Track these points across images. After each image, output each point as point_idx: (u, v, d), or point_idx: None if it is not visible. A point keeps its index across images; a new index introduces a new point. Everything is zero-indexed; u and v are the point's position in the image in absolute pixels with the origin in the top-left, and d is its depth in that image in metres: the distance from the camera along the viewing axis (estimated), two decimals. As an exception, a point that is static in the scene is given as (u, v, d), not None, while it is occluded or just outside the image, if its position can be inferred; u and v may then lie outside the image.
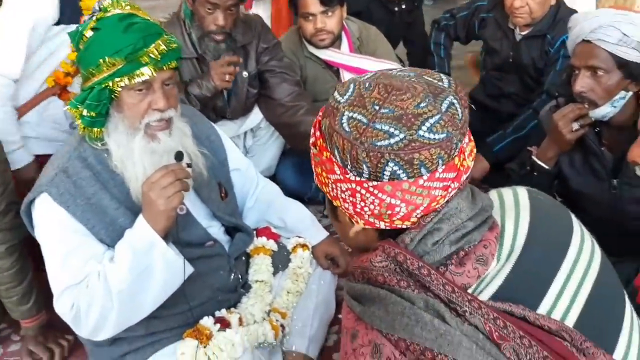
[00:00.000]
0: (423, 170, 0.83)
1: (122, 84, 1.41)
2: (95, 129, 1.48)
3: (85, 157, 1.52)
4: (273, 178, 2.52)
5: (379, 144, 0.82)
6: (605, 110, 1.75)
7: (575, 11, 2.76)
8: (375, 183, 0.84)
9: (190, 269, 1.53)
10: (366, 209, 0.87)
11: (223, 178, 1.82)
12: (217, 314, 1.69)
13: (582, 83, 1.74)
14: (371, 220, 0.88)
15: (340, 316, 2.02)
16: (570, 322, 0.86)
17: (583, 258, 0.92)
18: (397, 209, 0.85)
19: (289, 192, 2.12)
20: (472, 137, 0.90)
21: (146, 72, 1.41)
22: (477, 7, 2.96)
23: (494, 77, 2.97)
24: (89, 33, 1.44)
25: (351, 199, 0.87)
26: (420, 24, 3.61)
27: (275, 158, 2.75)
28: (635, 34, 1.65)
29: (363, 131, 0.83)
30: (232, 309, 1.73)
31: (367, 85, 0.87)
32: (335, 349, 1.94)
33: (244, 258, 1.87)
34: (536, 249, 0.90)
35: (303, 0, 2.50)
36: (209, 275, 1.69)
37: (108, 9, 1.44)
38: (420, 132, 0.82)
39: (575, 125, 1.77)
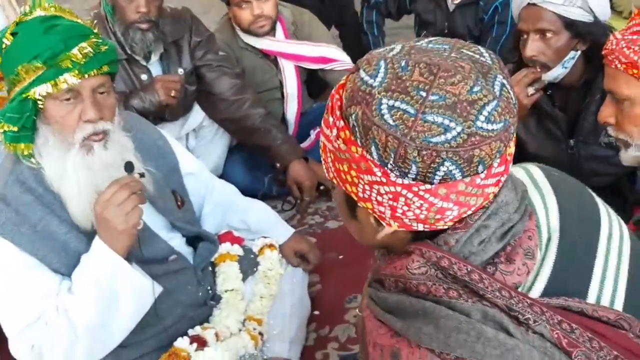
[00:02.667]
0: (480, 168, 0.72)
1: (44, 92, 1.26)
2: (21, 145, 1.33)
3: (23, 180, 1.37)
4: (221, 178, 2.40)
5: (433, 140, 0.69)
6: (557, 72, 1.75)
7: (503, -24, 2.79)
8: (428, 187, 0.72)
9: (159, 288, 1.42)
10: (409, 213, 0.75)
11: (177, 185, 1.69)
12: (191, 332, 1.58)
13: (532, 47, 1.73)
14: (410, 223, 0.77)
15: (316, 312, 1.98)
16: (618, 305, 0.82)
17: (615, 233, 0.86)
18: (448, 212, 0.74)
19: (241, 191, 2.01)
20: None
21: (70, 79, 1.26)
22: (406, -19, 2.93)
23: (430, 50, 2.95)
24: (8, 39, 1.30)
25: (391, 202, 0.74)
26: (351, 5, 3.52)
27: (222, 157, 2.61)
28: (579, -8, 1.66)
29: (412, 124, 0.69)
30: (206, 324, 1.63)
31: (402, 64, 0.72)
32: (316, 348, 1.87)
33: (210, 268, 1.76)
34: (572, 232, 0.84)
35: None
36: (177, 291, 1.57)
37: (30, 12, 1.30)
38: (478, 123, 0.70)
39: (531, 90, 1.76)
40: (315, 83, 2.85)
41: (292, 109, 2.70)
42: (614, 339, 0.76)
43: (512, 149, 0.77)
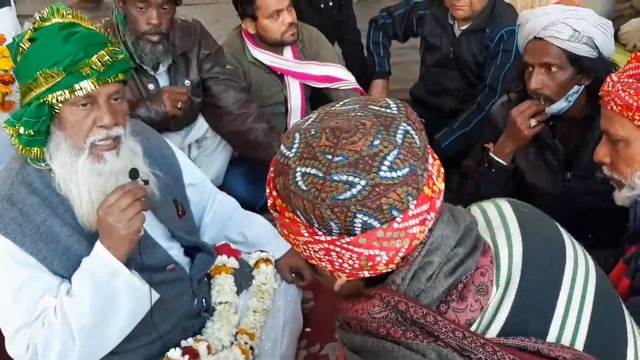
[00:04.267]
0: (395, 213, 0.76)
1: (62, 98, 1.29)
2: (35, 149, 1.35)
3: (30, 182, 1.39)
4: (221, 189, 2.41)
5: (341, 197, 0.75)
6: (560, 106, 1.78)
7: (511, 6, 2.83)
8: (348, 239, 0.77)
9: (155, 295, 1.43)
10: (345, 265, 0.80)
11: (179, 195, 1.71)
12: (183, 343, 1.59)
13: (537, 80, 1.75)
14: (354, 272, 0.82)
15: (307, 330, 1.98)
16: (579, 344, 0.83)
17: (580, 272, 0.88)
18: (378, 258, 0.79)
19: (240, 203, 2.02)
20: (435, 155, 0.84)
21: (87, 86, 1.30)
22: (414, 4, 2.96)
23: (435, 74, 2.98)
24: (26, 44, 1.32)
25: (327, 257, 0.80)
26: (352, 22, 3.57)
27: (222, 168, 2.63)
28: (585, 29, 1.69)
29: (321, 187, 0.75)
30: (199, 336, 1.64)
31: (312, 133, 0.79)
32: (306, 365, 1.87)
33: (206, 279, 1.77)
34: (535, 270, 0.85)
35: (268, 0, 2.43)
36: (172, 301, 1.58)
37: (47, 18, 1.32)
38: (382, 174, 0.75)
39: (533, 122, 1.79)
40: (318, 97, 2.88)
41: (295, 124, 2.72)
42: None
43: (439, 185, 0.81)
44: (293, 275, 1.90)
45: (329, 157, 0.76)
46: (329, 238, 0.77)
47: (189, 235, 1.70)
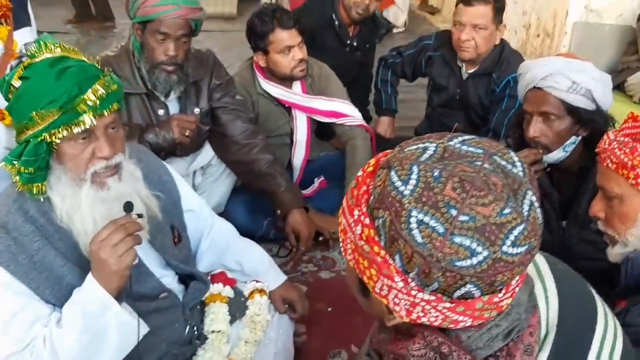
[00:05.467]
0: (500, 287, 0.74)
1: (60, 135, 1.28)
2: (36, 185, 1.35)
3: (26, 210, 1.38)
4: (222, 215, 2.44)
5: (459, 264, 0.70)
6: (557, 155, 1.81)
7: (518, 52, 2.88)
8: (447, 305, 0.73)
9: (145, 329, 1.43)
10: (424, 318, 0.76)
11: (176, 220, 1.72)
12: (172, 370, 1.59)
13: (535, 128, 1.79)
14: (424, 321, 0.77)
15: (298, 364, 1.98)
16: None
17: (609, 335, 0.88)
18: (462, 323, 0.76)
19: (239, 231, 2.04)
20: None
21: (86, 121, 1.28)
22: (423, 45, 3.02)
23: (440, 114, 3.04)
24: (17, 82, 1.29)
25: (407, 306, 0.75)
26: (370, 68, 3.59)
27: (225, 195, 2.67)
28: (584, 81, 1.72)
29: (440, 245, 0.70)
30: (188, 364, 1.65)
31: (435, 174, 0.72)
32: (294, 399, 1.87)
33: (198, 307, 1.78)
34: (568, 327, 0.86)
35: (280, 35, 2.49)
36: (164, 329, 1.59)
37: (36, 54, 1.29)
38: (504, 248, 0.71)
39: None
40: (325, 128, 2.93)
41: (299, 156, 2.77)
42: None
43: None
44: (286, 306, 1.91)
45: (454, 212, 0.70)
46: (425, 296, 0.73)
47: (184, 264, 1.71)
